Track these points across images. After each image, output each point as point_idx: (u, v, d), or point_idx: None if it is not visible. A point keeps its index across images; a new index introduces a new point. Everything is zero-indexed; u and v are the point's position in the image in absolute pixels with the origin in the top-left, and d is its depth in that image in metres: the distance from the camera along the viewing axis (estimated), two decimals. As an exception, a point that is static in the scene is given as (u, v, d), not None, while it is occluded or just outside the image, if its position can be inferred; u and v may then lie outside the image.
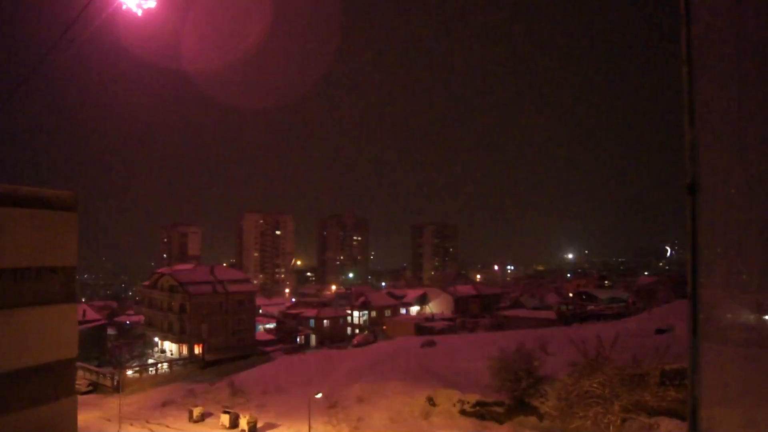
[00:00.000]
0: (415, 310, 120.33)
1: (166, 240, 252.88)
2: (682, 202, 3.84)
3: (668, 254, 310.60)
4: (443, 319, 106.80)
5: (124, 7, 9.97)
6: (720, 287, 3.81)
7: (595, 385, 35.53)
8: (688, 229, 3.74)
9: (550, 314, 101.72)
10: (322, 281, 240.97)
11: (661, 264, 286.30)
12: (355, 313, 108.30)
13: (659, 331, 59.26)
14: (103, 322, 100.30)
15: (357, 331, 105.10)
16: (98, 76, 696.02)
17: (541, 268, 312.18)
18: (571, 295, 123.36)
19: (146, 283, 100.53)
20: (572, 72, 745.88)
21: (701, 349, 3.36)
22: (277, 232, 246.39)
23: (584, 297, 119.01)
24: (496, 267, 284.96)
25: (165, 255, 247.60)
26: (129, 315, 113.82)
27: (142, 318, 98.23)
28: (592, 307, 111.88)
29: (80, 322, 51.61)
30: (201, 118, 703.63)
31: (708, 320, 3.45)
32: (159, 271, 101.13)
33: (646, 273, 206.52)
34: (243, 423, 48.03)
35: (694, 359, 3.35)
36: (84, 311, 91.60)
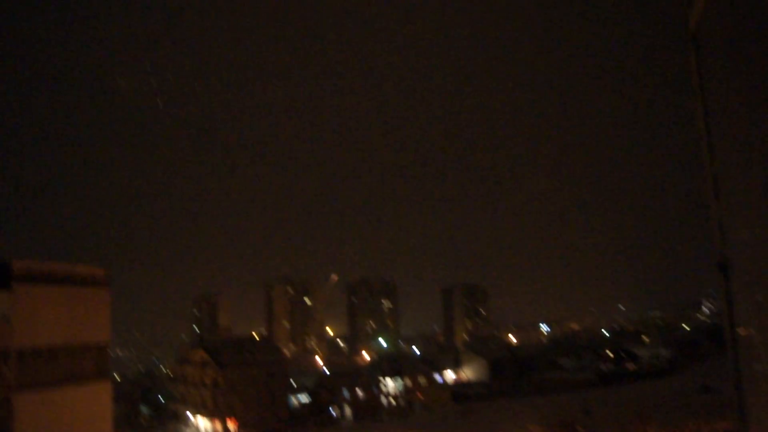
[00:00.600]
0: (450, 375, 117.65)
1: (196, 312, 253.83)
2: (715, 264, 3.85)
3: (706, 307, 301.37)
4: (479, 384, 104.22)
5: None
6: (761, 343, 3.74)
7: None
8: (723, 306, 3.75)
9: (590, 375, 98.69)
10: (354, 349, 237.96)
11: (700, 316, 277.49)
12: (389, 381, 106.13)
13: (704, 389, 56.96)
14: (136, 399, 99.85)
15: (392, 400, 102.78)
16: (123, 144, 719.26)
17: (576, 326, 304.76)
18: (609, 353, 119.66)
19: (178, 357, 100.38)
20: (597, 124, 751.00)
21: (749, 408, 3.26)
22: (307, 301, 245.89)
23: (623, 355, 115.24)
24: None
25: (196, 327, 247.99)
26: (162, 391, 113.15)
27: (175, 394, 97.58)
28: (632, 365, 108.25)
29: (114, 400, 51.49)
30: (226, 188, 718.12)
31: (752, 376, 3.36)
32: (190, 345, 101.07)
33: (685, 327, 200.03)
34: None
35: (742, 419, 3.24)
36: (117, 388, 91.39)
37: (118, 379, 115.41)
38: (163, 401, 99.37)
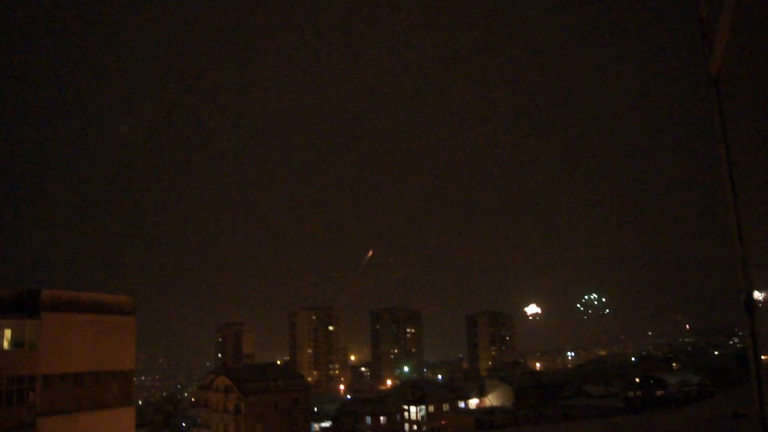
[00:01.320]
0: (474, 402, 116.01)
1: (220, 339, 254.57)
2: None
3: (737, 335, 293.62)
4: (504, 412, 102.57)
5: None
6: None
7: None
8: (749, 345, 3.72)
9: (617, 402, 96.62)
10: (377, 376, 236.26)
11: (731, 342, 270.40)
12: (412, 409, 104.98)
13: (737, 416, 55.35)
14: (159, 424, 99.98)
15: (415, 427, 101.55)
16: (151, 176, 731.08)
17: (602, 353, 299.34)
18: (637, 380, 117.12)
19: (201, 384, 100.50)
20: (625, 159, 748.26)
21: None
22: (330, 328, 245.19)
23: (652, 382, 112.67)
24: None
25: (220, 354, 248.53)
26: (184, 417, 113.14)
27: (197, 420, 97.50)
28: (661, 392, 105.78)
29: (137, 426, 51.67)
30: (251, 218, 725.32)
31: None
32: (213, 371, 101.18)
33: (716, 353, 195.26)
34: None
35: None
36: (140, 414, 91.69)
37: (142, 406, 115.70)
38: (185, 427, 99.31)
